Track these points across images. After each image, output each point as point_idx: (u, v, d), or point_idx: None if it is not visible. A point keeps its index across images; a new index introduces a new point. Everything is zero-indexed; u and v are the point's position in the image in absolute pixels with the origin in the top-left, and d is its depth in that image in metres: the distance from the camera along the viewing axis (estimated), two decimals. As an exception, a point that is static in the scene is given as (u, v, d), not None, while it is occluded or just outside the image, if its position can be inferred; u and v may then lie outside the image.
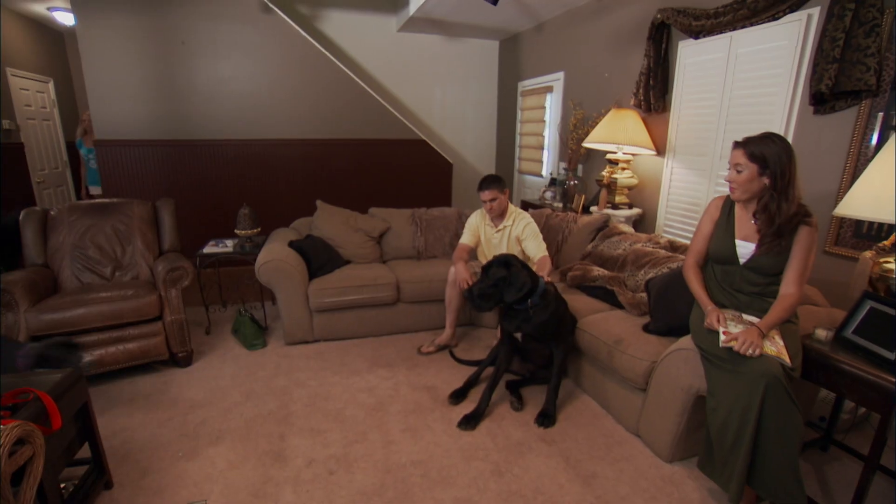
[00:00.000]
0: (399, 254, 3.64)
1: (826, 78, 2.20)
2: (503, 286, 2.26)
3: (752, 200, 1.77)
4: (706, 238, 1.93)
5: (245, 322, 2.99)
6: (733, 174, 1.75)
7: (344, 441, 2.15)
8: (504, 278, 2.25)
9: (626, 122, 3.38)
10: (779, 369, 1.57)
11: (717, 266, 1.91)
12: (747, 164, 1.70)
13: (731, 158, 1.76)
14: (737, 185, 1.75)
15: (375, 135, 4.94)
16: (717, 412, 1.69)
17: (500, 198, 2.88)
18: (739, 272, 1.82)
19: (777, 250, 1.71)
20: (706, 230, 1.93)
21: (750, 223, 1.80)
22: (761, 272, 1.77)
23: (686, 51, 3.11)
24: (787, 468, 1.57)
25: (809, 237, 1.69)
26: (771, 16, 2.47)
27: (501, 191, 2.87)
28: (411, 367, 2.85)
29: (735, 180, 1.75)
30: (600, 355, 2.35)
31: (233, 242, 3.29)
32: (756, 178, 1.70)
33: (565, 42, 4.49)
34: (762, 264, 1.76)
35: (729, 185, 1.79)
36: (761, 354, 1.60)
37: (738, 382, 1.63)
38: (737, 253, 1.81)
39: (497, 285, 2.26)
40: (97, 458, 1.83)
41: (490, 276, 2.28)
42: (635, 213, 3.61)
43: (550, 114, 4.93)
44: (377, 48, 5.29)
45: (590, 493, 1.88)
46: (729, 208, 1.88)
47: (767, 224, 1.71)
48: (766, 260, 1.75)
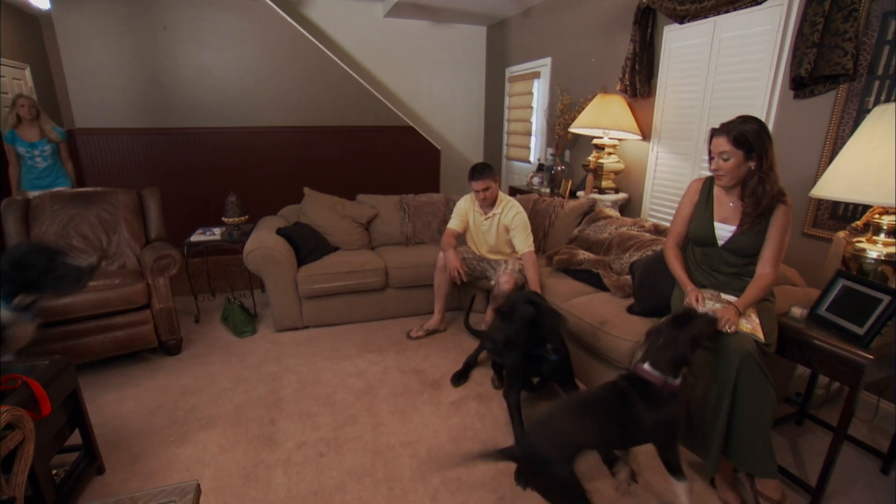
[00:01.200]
0: (387, 240, 3.66)
1: (806, 62, 2.24)
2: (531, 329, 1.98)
3: (737, 185, 1.78)
4: (686, 220, 1.96)
5: (234, 310, 2.99)
6: (719, 162, 1.73)
7: (334, 424, 2.19)
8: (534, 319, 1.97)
9: (612, 107, 3.40)
10: (752, 345, 1.63)
11: (696, 248, 1.95)
12: (733, 151, 1.70)
13: (714, 147, 1.74)
14: (724, 172, 1.74)
15: (363, 122, 4.92)
16: (696, 388, 1.75)
17: (493, 186, 2.87)
18: (718, 253, 1.86)
19: (756, 230, 1.75)
20: (686, 212, 1.96)
21: (729, 205, 1.83)
22: (739, 253, 1.81)
23: (671, 35, 3.13)
24: (761, 439, 1.63)
25: (785, 217, 1.73)
26: (753, 0, 2.49)
27: (493, 179, 2.86)
28: (400, 352, 2.88)
29: (722, 168, 1.73)
30: (585, 336, 2.40)
31: (220, 231, 3.28)
32: (742, 164, 1.71)
33: (552, 27, 4.47)
34: (740, 245, 1.80)
35: (714, 174, 1.77)
36: (737, 331, 1.66)
37: (715, 358, 1.68)
38: (715, 235, 1.85)
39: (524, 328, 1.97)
40: (88, 444, 1.85)
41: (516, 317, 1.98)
42: (621, 198, 3.65)
43: (538, 99, 4.93)
44: (363, 34, 5.23)
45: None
46: (708, 191, 1.90)
47: (755, 206, 1.73)
48: (745, 241, 1.78)
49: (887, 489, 1.87)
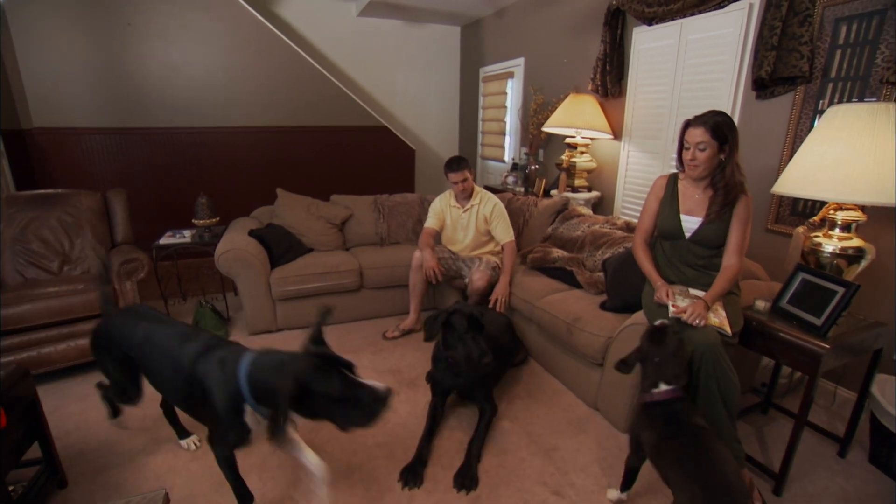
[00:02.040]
0: (362, 240, 3.63)
1: (766, 64, 2.32)
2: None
3: (706, 176, 1.86)
4: (653, 216, 2.04)
5: (206, 314, 2.92)
6: (696, 153, 1.80)
7: (309, 426, 2.15)
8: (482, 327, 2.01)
9: (584, 107, 3.45)
10: (717, 338, 1.68)
11: (665, 242, 2.02)
12: (710, 142, 1.77)
13: (691, 137, 1.80)
14: (699, 162, 1.81)
15: (336, 121, 4.86)
16: None
17: (469, 178, 2.96)
18: (686, 246, 1.94)
19: (721, 219, 1.84)
20: (652, 208, 2.04)
21: (695, 197, 1.92)
22: (706, 244, 1.91)
23: (640, 37, 3.19)
24: (727, 430, 1.69)
25: (746, 208, 1.83)
26: (717, 4, 2.57)
27: (469, 171, 2.96)
28: (376, 352, 2.87)
29: (698, 158, 1.80)
30: (560, 333, 2.43)
31: (191, 233, 3.19)
32: (716, 154, 1.80)
33: (525, 28, 4.52)
34: (707, 236, 1.89)
35: (689, 164, 1.84)
36: (706, 325, 1.71)
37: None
38: (682, 227, 1.93)
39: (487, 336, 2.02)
40: (49, 457, 1.78)
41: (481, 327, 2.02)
42: (594, 196, 3.71)
43: (511, 99, 4.97)
44: (336, 33, 5.17)
45: (551, 465, 1.96)
46: (673, 186, 1.99)
47: (725, 195, 1.82)
48: (711, 231, 1.87)
49: (844, 471, 1.95)
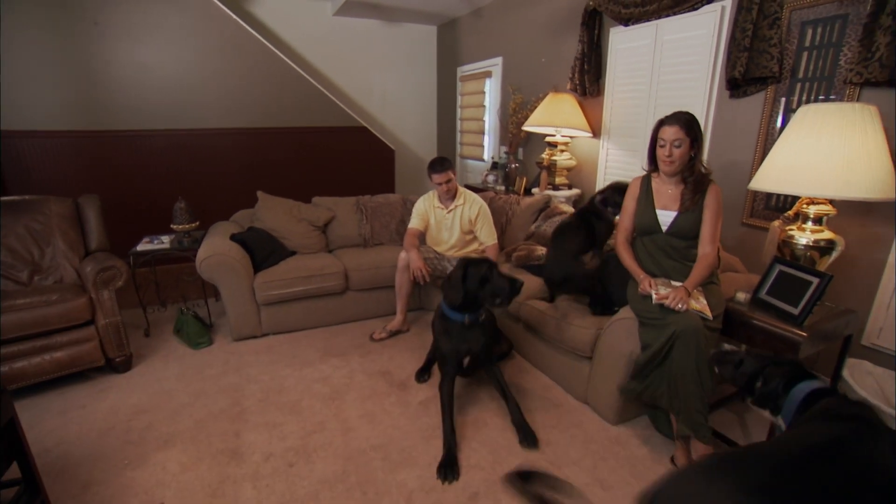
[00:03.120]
0: (345, 242, 3.60)
1: (738, 65, 2.41)
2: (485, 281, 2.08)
3: (679, 171, 1.99)
4: (631, 216, 2.16)
5: (188, 320, 2.85)
6: (671, 149, 1.93)
7: (302, 432, 2.14)
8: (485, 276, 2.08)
9: (563, 106, 3.51)
10: (699, 322, 1.80)
11: (644, 238, 2.13)
12: (684, 138, 1.91)
13: (667, 135, 1.93)
14: (675, 158, 1.94)
15: (315, 122, 4.80)
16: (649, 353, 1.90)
17: (453, 179, 2.98)
18: (663, 239, 2.07)
19: (694, 210, 1.97)
20: (630, 208, 2.16)
21: (668, 193, 2.05)
22: (681, 236, 2.03)
23: (617, 37, 3.26)
24: (696, 405, 1.80)
25: (716, 198, 1.97)
26: (690, 6, 2.65)
27: (453, 172, 2.97)
28: (364, 355, 2.86)
29: (674, 154, 1.93)
30: (548, 329, 2.47)
31: (169, 238, 3.11)
32: (689, 150, 1.93)
33: (503, 27, 4.55)
34: (682, 227, 2.01)
35: (665, 161, 1.96)
36: (688, 309, 1.81)
37: (665, 332, 1.83)
38: (658, 221, 2.06)
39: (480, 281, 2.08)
40: (28, 476, 1.70)
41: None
42: (574, 194, 3.78)
43: (490, 98, 5.00)
44: (312, 32, 5.10)
45: (544, 459, 1.99)
46: (647, 185, 2.12)
47: (696, 186, 1.97)
48: (686, 221, 2.00)
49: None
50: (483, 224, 3.04)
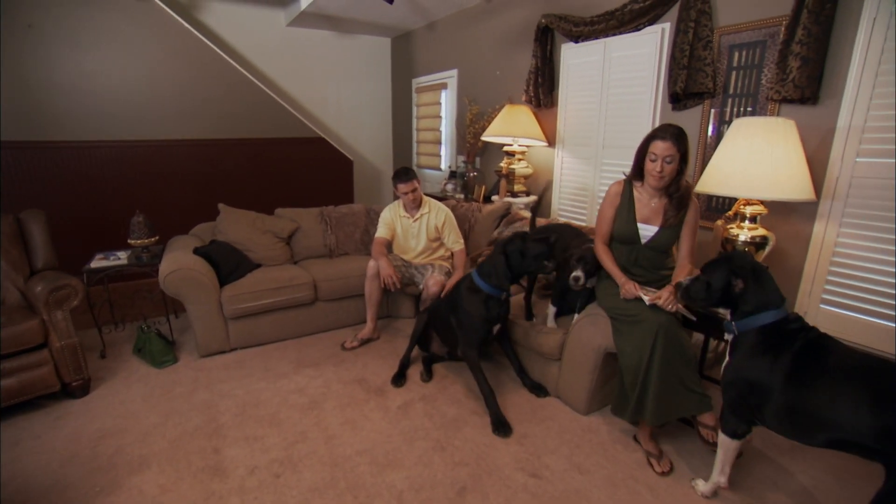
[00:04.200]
0: (310, 253, 3.59)
1: (679, 81, 2.67)
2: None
3: (666, 186, 1.99)
4: (609, 222, 2.16)
5: (151, 338, 2.74)
6: (662, 165, 1.90)
7: (284, 443, 2.13)
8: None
9: (519, 117, 3.69)
10: (671, 316, 1.96)
11: (621, 245, 2.17)
12: (675, 154, 1.90)
13: (660, 150, 1.89)
14: (666, 174, 1.92)
15: (271, 133, 4.73)
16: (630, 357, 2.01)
17: (418, 188, 3.06)
18: (640, 250, 2.11)
19: (674, 225, 2.03)
20: (608, 214, 2.14)
21: (651, 205, 2.07)
22: (658, 249, 2.10)
23: (568, 53, 3.50)
24: (693, 384, 1.98)
25: (696, 214, 2.07)
26: (634, 27, 2.90)
27: (418, 181, 3.06)
28: (338, 364, 2.86)
29: (665, 170, 1.91)
30: (517, 335, 2.60)
31: (126, 254, 2.97)
32: (678, 165, 1.94)
33: (458, 41, 4.71)
34: (661, 242, 2.07)
35: (656, 176, 1.93)
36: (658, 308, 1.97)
37: (641, 330, 1.97)
38: (639, 234, 2.08)
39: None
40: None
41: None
42: (532, 200, 3.96)
43: (446, 109, 5.14)
44: (265, 43, 5.04)
45: (523, 451, 2.11)
46: (629, 194, 2.09)
47: (680, 203, 1.99)
48: (665, 237, 2.06)
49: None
50: (450, 231, 3.15)
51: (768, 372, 1.55)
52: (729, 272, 1.65)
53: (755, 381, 1.58)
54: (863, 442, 1.37)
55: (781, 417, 1.54)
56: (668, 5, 2.75)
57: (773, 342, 1.57)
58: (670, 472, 1.99)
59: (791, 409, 1.51)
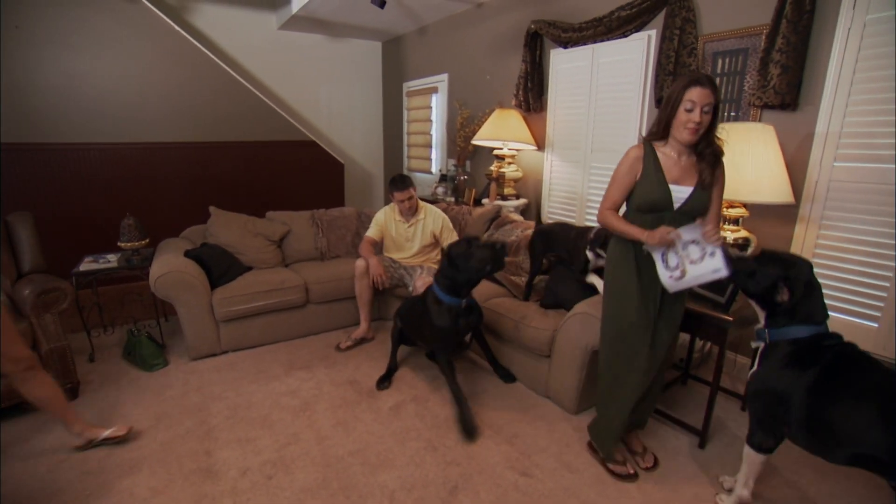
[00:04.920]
0: (301, 256, 3.60)
1: (665, 86, 2.74)
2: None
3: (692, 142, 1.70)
4: (625, 190, 1.80)
5: (141, 342, 2.72)
6: (701, 115, 1.62)
7: (276, 445, 2.14)
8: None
9: (509, 121, 3.74)
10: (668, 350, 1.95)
11: (646, 216, 1.78)
12: (713, 104, 1.63)
13: (700, 98, 1.60)
14: (703, 125, 1.64)
15: (262, 136, 4.73)
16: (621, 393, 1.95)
17: (414, 196, 3.08)
18: (670, 218, 1.74)
19: (710, 184, 1.73)
20: (626, 182, 1.78)
21: (680, 164, 1.75)
22: (690, 214, 1.75)
23: (557, 58, 3.56)
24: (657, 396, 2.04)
25: (724, 173, 1.78)
26: (621, 33, 2.97)
27: (414, 188, 3.08)
28: (330, 366, 2.87)
29: (704, 120, 1.63)
30: (507, 330, 2.63)
31: (116, 257, 2.95)
32: (712, 117, 1.67)
33: (448, 45, 4.76)
34: (695, 206, 1.74)
35: (692, 128, 1.63)
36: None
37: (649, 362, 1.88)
38: (672, 198, 1.74)
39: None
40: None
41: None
42: (522, 203, 4.01)
43: (437, 113, 5.18)
44: (256, 46, 5.03)
45: (515, 450, 2.14)
46: (653, 155, 1.75)
47: (715, 159, 1.71)
48: (700, 200, 1.74)
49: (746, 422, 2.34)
50: (449, 236, 3.21)
51: (797, 384, 1.50)
52: (781, 278, 1.55)
53: (783, 392, 1.53)
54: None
55: (808, 431, 1.50)
56: (654, 13, 2.82)
57: (806, 356, 1.52)
58: (654, 467, 2.03)
59: (817, 422, 1.47)
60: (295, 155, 4.95)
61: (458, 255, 2.27)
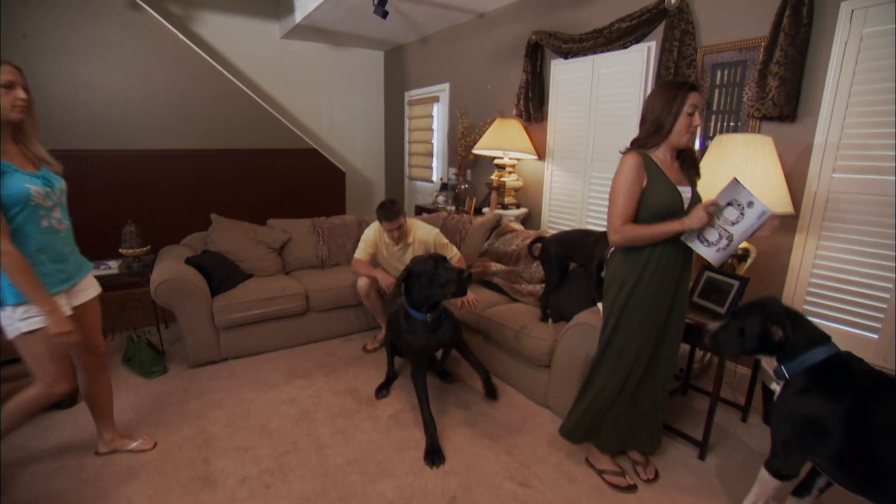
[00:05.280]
0: (302, 264, 3.61)
1: (664, 97, 2.75)
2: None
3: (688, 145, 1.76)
4: (636, 199, 1.73)
5: (141, 348, 2.72)
6: (699, 118, 1.68)
7: (275, 454, 2.13)
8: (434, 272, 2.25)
9: (510, 131, 3.77)
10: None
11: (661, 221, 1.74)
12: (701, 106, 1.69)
13: (698, 101, 1.66)
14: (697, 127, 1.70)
15: (264, 144, 4.76)
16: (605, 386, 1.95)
17: (404, 223, 2.89)
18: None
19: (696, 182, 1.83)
20: (636, 191, 1.72)
21: (673, 167, 1.79)
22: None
23: (558, 69, 3.59)
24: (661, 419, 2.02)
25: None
26: (621, 45, 3.00)
27: (403, 215, 2.88)
28: (329, 374, 2.87)
29: (698, 122, 1.69)
30: (507, 340, 2.63)
31: (117, 263, 2.96)
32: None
33: (449, 55, 4.80)
34: (696, 202, 1.79)
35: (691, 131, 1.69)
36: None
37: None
38: (682, 199, 1.76)
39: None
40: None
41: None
42: (523, 212, 4.03)
43: (438, 122, 5.22)
44: (259, 55, 5.09)
45: (513, 460, 2.13)
46: (651, 162, 1.74)
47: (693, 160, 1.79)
48: (698, 197, 1.80)
49: (746, 432, 2.36)
50: (443, 249, 3.03)
51: (832, 412, 1.42)
52: (764, 318, 1.56)
53: (815, 419, 1.45)
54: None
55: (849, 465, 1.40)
56: (653, 25, 2.85)
57: (835, 380, 1.46)
58: (655, 479, 2.02)
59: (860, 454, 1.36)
60: (296, 163, 4.98)
61: (421, 272, 2.22)
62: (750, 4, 2.46)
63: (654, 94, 1.75)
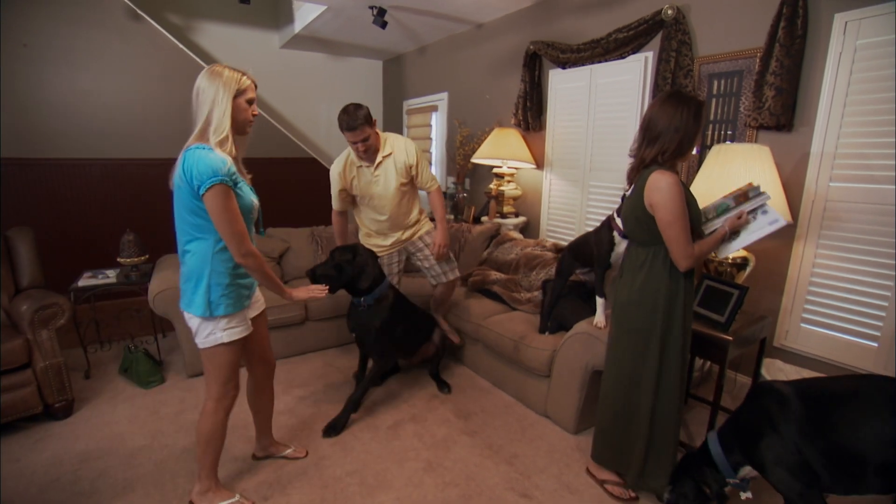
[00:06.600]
0: (301, 273, 3.59)
1: (661, 107, 2.77)
2: (348, 272, 2.38)
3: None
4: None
5: (138, 358, 2.70)
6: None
7: (273, 465, 2.11)
8: (349, 262, 2.39)
9: (508, 140, 3.78)
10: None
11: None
12: None
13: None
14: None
15: (263, 153, 4.76)
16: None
17: (371, 134, 2.37)
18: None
19: None
20: (687, 209, 1.67)
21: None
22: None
23: (556, 78, 3.61)
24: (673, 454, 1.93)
25: None
26: (619, 55, 3.02)
27: (370, 125, 2.35)
28: (328, 384, 2.85)
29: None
30: (506, 350, 2.62)
31: (115, 272, 2.95)
32: None
33: (448, 65, 4.83)
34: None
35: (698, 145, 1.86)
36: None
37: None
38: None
39: (340, 269, 2.37)
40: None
41: (333, 258, 2.39)
42: (521, 221, 4.03)
43: (436, 131, 5.24)
44: (259, 64, 5.11)
45: (514, 471, 2.11)
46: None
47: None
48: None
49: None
50: (423, 168, 2.62)
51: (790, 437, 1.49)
52: (701, 483, 1.71)
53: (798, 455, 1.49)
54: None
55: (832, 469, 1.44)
56: (650, 35, 2.88)
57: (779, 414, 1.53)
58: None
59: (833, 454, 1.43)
60: (295, 172, 4.99)
61: (344, 261, 2.39)
62: (745, 15, 2.49)
63: (682, 111, 1.63)
